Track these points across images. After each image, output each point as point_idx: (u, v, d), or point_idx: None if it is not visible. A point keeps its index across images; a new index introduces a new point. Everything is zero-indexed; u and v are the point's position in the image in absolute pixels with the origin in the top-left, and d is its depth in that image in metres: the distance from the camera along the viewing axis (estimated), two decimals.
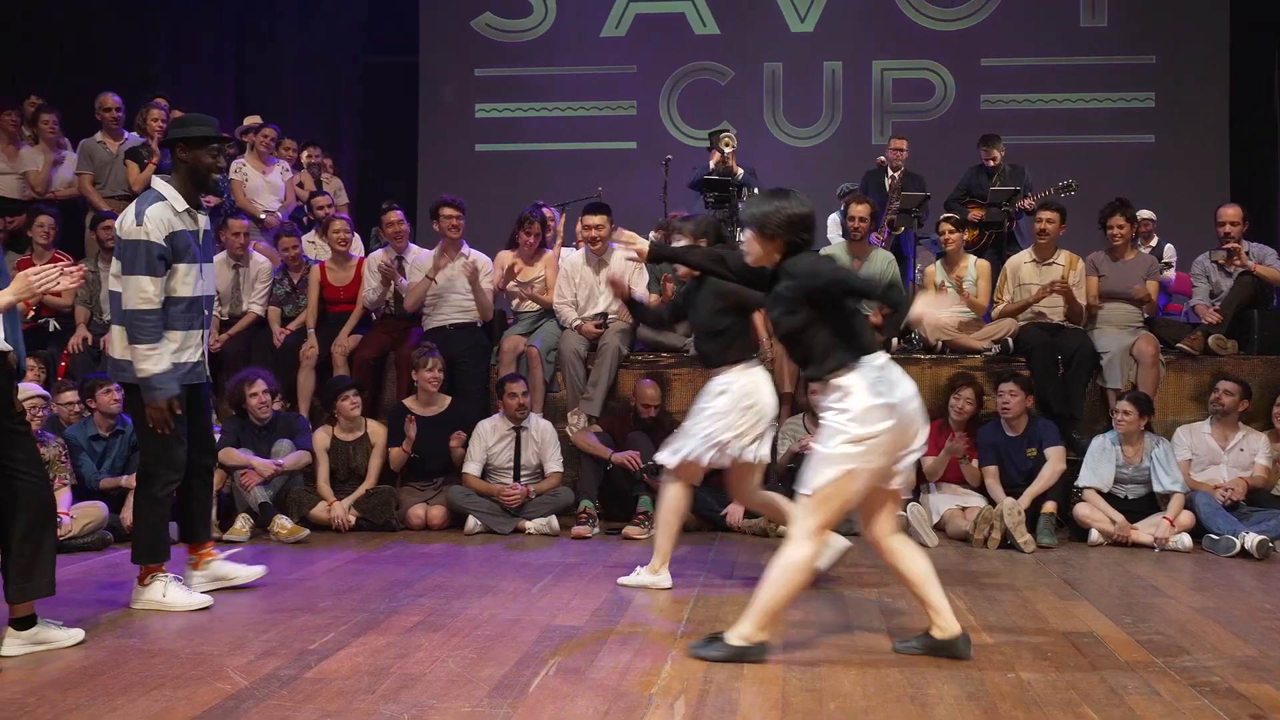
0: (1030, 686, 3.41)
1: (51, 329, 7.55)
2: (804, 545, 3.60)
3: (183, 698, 3.24)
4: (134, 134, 8.24)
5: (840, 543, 4.81)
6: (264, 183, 8.50)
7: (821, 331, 3.64)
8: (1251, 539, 5.71)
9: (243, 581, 4.75)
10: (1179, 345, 7.00)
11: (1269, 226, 10.83)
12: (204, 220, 4.57)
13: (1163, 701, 3.26)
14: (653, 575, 4.85)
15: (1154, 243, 8.73)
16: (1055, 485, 6.19)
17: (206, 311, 4.58)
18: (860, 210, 7.33)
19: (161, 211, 4.36)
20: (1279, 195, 11.52)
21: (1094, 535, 6.06)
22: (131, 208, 4.42)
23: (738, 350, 4.82)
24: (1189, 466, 6.25)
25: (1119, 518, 6.08)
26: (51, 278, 3.66)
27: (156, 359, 4.33)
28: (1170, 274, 8.07)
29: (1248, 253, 7.23)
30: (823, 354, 3.64)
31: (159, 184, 4.48)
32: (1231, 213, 7.38)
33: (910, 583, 3.73)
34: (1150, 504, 6.19)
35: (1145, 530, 6.01)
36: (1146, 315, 7.18)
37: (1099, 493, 6.17)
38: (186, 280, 4.43)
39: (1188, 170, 11.25)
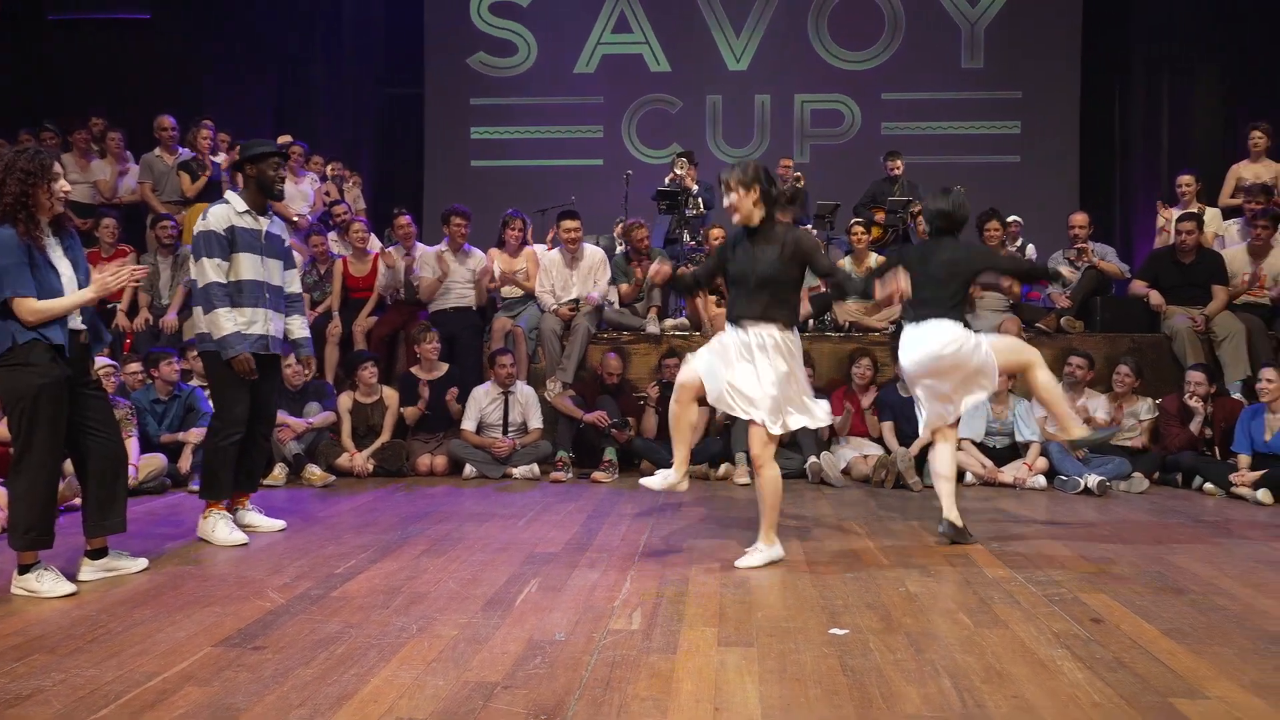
0: (917, 598, 3.45)
1: (117, 320, 7.40)
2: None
3: (231, 613, 3.21)
4: (186, 149, 8.10)
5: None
6: (296, 191, 8.39)
7: None
8: (1093, 479, 5.81)
9: (264, 530, 4.59)
10: (1037, 325, 7.10)
11: (1110, 230, 11.01)
12: (267, 223, 4.53)
13: (1021, 608, 3.31)
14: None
15: (1019, 243, 8.82)
16: None
17: (269, 295, 4.50)
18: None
19: (222, 210, 4.43)
20: (1118, 205, 11.69)
21: (969, 477, 6.14)
22: (203, 213, 4.48)
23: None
24: (1044, 422, 6.33)
25: (988, 463, 6.16)
26: (122, 277, 3.61)
27: (227, 321, 4.33)
28: None
29: (1093, 251, 7.34)
30: None
31: (229, 194, 4.55)
32: (1080, 219, 7.48)
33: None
34: (1013, 452, 6.27)
35: (1009, 473, 6.10)
36: (1012, 301, 7.27)
37: (973, 442, 6.25)
38: (248, 266, 4.42)
39: (1046, 184, 11.37)
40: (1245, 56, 10.56)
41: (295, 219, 8.11)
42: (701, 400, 3.90)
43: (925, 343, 4.30)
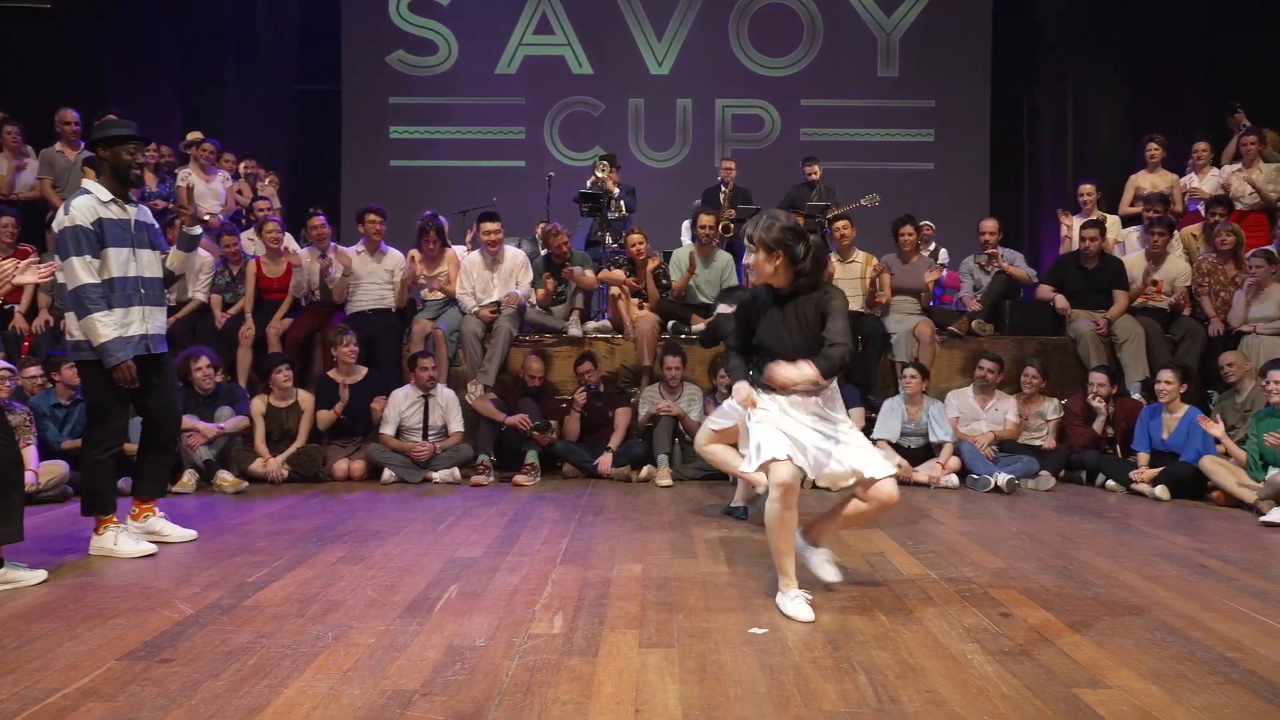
0: (835, 595, 3.51)
1: (15, 321, 7.09)
2: None
3: (135, 625, 3.10)
4: None
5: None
6: (207, 189, 8.16)
7: None
8: (1003, 478, 5.97)
9: (174, 540, 4.37)
10: (950, 328, 7.28)
11: (1018, 236, 11.38)
12: (134, 211, 4.22)
13: (934, 604, 3.40)
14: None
15: (932, 247, 9.06)
16: None
17: (144, 290, 4.20)
18: (707, 220, 7.41)
19: (87, 201, 4.07)
20: (1026, 211, 12.10)
21: None
22: (61, 206, 4.12)
23: None
24: (957, 423, 6.50)
25: (903, 462, 6.27)
26: (9, 271, 3.45)
27: (105, 326, 4.02)
28: (943, 272, 8.38)
29: (1002, 256, 7.57)
30: None
31: (86, 182, 4.19)
32: (990, 225, 7.71)
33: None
34: (927, 452, 6.41)
35: (923, 472, 6.23)
36: (924, 305, 7.44)
37: (889, 442, 6.37)
38: (118, 262, 4.11)
39: (958, 191, 11.71)
40: (1144, 71, 11.03)
41: (206, 218, 7.88)
42: None
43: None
